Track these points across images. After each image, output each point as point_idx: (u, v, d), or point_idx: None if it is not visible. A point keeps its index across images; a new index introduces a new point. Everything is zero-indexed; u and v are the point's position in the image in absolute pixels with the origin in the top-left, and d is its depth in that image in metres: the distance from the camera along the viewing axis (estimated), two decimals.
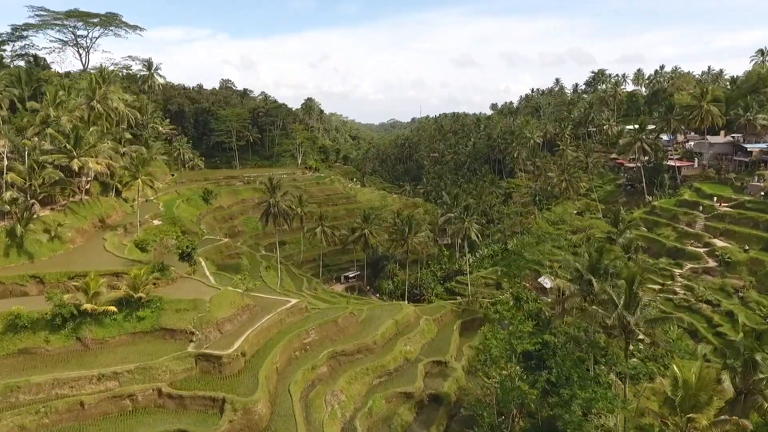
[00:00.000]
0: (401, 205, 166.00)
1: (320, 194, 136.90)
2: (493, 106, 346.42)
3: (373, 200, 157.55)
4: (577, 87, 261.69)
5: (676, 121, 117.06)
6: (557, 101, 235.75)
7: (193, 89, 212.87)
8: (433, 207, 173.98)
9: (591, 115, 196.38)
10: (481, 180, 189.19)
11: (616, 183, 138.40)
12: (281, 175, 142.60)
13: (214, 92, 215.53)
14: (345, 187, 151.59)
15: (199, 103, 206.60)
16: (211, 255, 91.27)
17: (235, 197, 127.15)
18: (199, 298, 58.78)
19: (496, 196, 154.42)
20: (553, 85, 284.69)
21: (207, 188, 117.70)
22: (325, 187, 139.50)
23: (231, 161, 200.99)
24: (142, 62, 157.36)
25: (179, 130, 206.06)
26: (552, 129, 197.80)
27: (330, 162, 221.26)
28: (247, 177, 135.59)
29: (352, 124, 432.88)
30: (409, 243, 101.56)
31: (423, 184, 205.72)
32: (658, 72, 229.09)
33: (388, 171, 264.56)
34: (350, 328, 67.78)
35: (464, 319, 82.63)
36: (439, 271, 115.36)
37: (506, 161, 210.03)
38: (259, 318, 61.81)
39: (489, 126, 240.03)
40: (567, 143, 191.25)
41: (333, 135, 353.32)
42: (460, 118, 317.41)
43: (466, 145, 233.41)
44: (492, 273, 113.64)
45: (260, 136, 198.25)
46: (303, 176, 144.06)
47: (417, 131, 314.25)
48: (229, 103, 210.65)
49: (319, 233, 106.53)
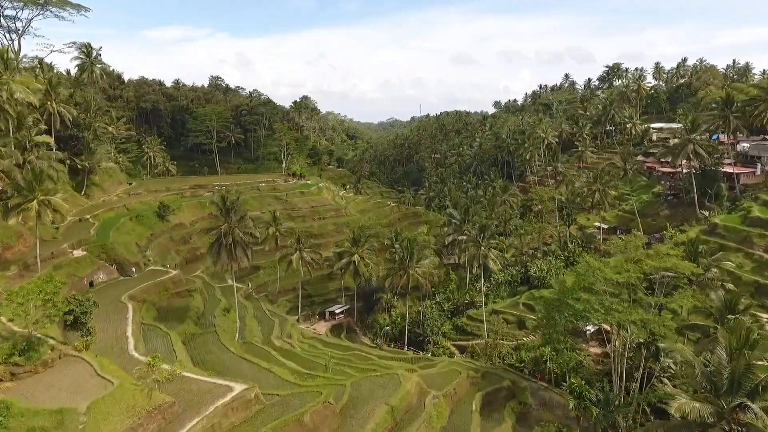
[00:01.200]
0: (400, 215, 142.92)
1: (304, 206, 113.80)
2: (497, 104, 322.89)
3: (369, 210, 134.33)
4: (590, 83, 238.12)
5: (736, 118, 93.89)
6: (569, 98, 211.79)
7: (171, 85, 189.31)
8: (436, 217, 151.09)
9: (611, 112, 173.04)
10: (490, 185, 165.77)
11: (653, 192, 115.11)
12: (260, 183, 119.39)
13: (194, 89, 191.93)
14: (335, 195, 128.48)
15: (177, 101, 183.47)
16: (151, 295, 68.12)
17: (201, 211, 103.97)
18: (70, 407, 35.56)
19: (511, 207, 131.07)
20: (562, 80, 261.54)
21: (163, 202, 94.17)
22: (310, 198, 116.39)
23: (211, 165, 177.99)
24: (79, 48, 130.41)
25: (154, 130, 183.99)
26: (567, 128, 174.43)
27: (322, 165, 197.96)
28: (218, 186, 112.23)
29: (350, 123, 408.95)
30: (410, 274, 78.40)
31: (425, 189, 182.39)
32: (680, 65, 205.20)
33: (386, 174, 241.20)
34: (324, 427, 44.60)
35: (485, 389, 59.35)
36: (447, 302, 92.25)
37: (516, 163, 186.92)
38: (180, 427, 38.67)
39: (496, 125, 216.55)
40: (586, 144, 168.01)
41: (329, 134, 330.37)
42: (462, 116, 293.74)
43: (471, 145, 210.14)
44: (512, 306, 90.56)
45: (243, 137, 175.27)
46: (285, 184, 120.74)
47: (417, 130, 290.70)
48: (211, 100, 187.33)
49: (295, 261, 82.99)
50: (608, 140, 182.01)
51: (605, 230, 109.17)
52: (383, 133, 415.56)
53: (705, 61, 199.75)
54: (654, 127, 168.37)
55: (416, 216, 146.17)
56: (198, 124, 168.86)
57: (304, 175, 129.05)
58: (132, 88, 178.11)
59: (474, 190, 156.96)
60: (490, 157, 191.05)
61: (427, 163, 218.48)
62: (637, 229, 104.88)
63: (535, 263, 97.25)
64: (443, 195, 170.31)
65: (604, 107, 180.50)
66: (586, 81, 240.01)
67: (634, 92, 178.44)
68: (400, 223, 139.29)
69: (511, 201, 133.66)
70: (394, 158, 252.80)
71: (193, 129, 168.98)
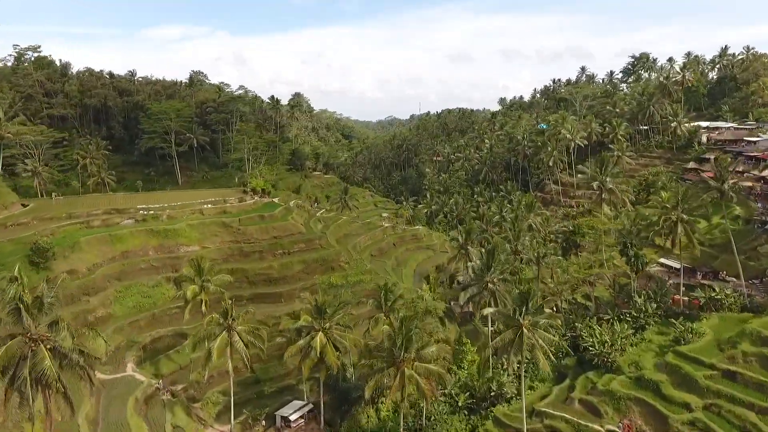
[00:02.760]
0: (395, 238, 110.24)
1: (263, 237, 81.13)
2: (502, 101, 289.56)
3: (354, 235, 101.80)
4: (612, 76, 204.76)
5: None
6: (596, 92, 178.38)
7: (124, 78, 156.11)
8: (440, 239, 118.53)
9: (650, 109, 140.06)
10: (506, 198, 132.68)
11: (737, 216, 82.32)
12: (205, 205, 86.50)
13: (152, 81, 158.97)
14: (310, 218, 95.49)
15: (132, 96, 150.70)
16: None
17: (111, 249, 71.61)
18: None
19: (537, 230, 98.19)
20: (578, 74, 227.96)
21: (39, 243, 61.08)
22: (273, 225, 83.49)
23: (170, 173, 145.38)
24: None
25: (103, 131, 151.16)
26: (598, 127, 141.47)
27: (306, 171, 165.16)
28: (144, 210, 79.14)
29: (346, 122, 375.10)
30: (407, 375, 45.78)
31: (425, 201, 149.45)
32: (722, 55, 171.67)
33: (381, 179, 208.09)
34: None
35: None
36: (462, 393, 59.79)
37: (533, 169, 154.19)
38: None
39: (507, 124, 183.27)
40: (623, 147, 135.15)
41: (323, 134, 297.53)
42: (467, 114, 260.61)
43: (479, 148, 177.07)
44: (561, 401, 58.07)
45: (208, 139, 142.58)
46: (241, 206, 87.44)
47: (417, 130, 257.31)
48: (174, 95, 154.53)
49: (218, 348, 49.16)
50: (644, 142, 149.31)
51: (676, 271, 76.50)
52: (382, 133, 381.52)
53: (753, 50, 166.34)
54: (704, 127, 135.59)
55: (416, 239, 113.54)
56: (152, 123, 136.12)
57: (269, 191, 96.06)
58: (76, 81, 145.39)
59: (487, 205, 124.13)
60: (502, 161, 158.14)
61: (428, 168, 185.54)
62: (730, 272, 72.39)
63: (589, 327, 64.61)
64: (449, 210, 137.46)
65: (640, 103, 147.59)
66: (608, 74, 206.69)
67: (677, 85, 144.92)
68: (395, 249, 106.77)
69: (538, 224, 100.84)
70: (391, 161, 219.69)
71: (147, 129, 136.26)
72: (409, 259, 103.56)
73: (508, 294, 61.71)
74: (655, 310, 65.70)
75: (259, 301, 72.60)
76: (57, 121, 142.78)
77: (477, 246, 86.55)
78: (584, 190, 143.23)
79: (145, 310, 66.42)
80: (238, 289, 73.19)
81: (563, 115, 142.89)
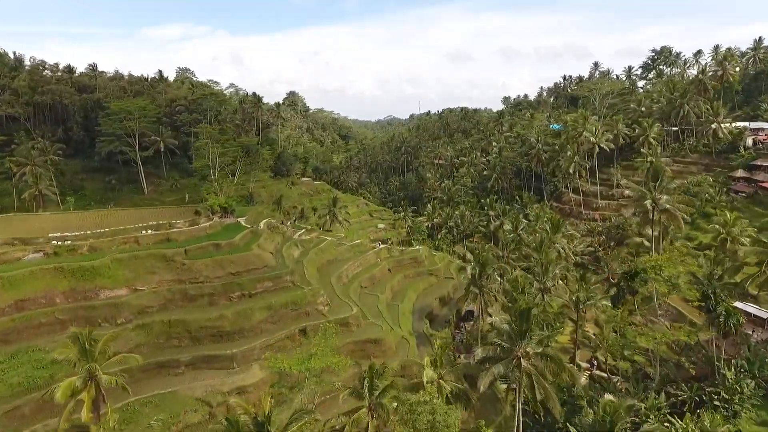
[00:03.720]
0: (392, 263, 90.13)
1: (217, 274, 60.87)
2: (506, 100, 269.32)
3: (340, 261, 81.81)
4: (630, 72, 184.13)
5: None
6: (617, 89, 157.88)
7: (85, 73, 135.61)
8: (444, 261, 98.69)
9: (684, 107, 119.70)
10: (521, 212, 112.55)
11: None
12: (144, 231, 66.23)
13: (116, 77, 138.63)
14: (286, 239, 75.18)
15: (92, 93, 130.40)
16: None
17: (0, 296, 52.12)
18: None
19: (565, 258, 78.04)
20: (591, 70, 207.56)
21: None
22: (231, 257, 63.21)
23: (135, 181, 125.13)
24: None
25: (59, 133, 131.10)
26: (625, 129, 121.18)
27: (293, 177, 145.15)
28: (58, 240, 58.91)
29: (344, 122, 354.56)
30: None
31: (427, 213, 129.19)
32: (757, 48, 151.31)
33: (378, 184, 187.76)
34: None
35: None
36: None
37: (548, 176, 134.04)
38: None
39: (517, 125, 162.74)
40: (657, 152, 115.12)
41: (318, 134, 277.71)
42: (470, 114, 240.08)
43: (487, 151, 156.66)
44: None
45: (177, 142, 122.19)
46: (191, 230, 66.61)
47: (416, 130, 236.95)
48: (141, 92, 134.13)
49: None
50: (675, 145, 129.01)
51: (762, 322, 56.41)
52: (381, 133, 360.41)
53: None
54: (751, 128, 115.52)
55: (415, 263, 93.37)
56: (112, 124, 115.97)
57: (232, 209, 75.31)
58: (27, 76, 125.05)
59: (499, 220, 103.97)
60: (513, 168, 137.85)
61: (429, 173, 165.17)
62: None
63: (666, 419, 44.47)
64: (453, 224, 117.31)
65: (670, 101, 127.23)
66: (625, 69, 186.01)
67: (716, 79, 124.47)
68: (391, 277, 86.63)
69: (565, 247, 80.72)
70: (389, 165, 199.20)
71: (105, 131, 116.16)
72: (407, 290, 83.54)
73: (549, 376, 41.72)
74: (754, 390, 45.70)
75: (203, 367, 52.71)
76: (6, 121, 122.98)
77: (493, 279, 66.59)
78: (608, 201, 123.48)
79: (36, 390, 46.35)
80: (173, 351, 53.24)
81: (584, 114, 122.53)
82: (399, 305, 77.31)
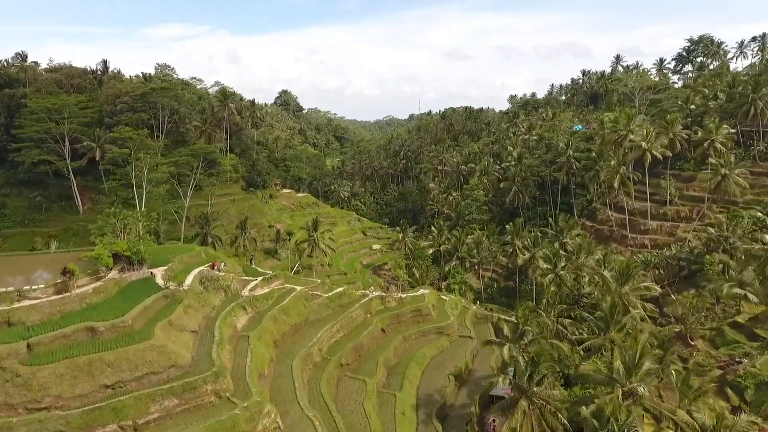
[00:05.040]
0: (388, 318, 63.74)
1: (77, 391, 34.67)
2: (511, 98, 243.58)
3: (311, 326, 55.50)
4: (662, 64, 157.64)
5: None
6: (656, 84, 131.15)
7: (13, 65, 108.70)
8: (457, 307, 72.61)
9: (756, 105, 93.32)
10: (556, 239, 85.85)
11: None
12: None
13: (53, 68, 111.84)
14: (229, 298, 49.14)
15: (18, 88, 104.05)
16: None
17: None
18: None
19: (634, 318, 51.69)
20: (612, 64, 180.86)
21: None
22: (111, 355, 36.23)
23: (68, 197, 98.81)
24: None
25: None
26: (683, 132, 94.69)
27: (272, 189, 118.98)
28: None
29: (340, 122, 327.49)
30: None
31: (432, 236, 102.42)
32: None
33: (374, 194, 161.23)
34: None
35: None
36: None
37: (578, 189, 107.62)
38: None
39: (536, 126, 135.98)
40: (729, 163, 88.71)
41: (311, 136, 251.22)
42: (474, 114, 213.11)
43: (500, 156, 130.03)
44: None
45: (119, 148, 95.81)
46: (61, 300, 40.21)
47: (417, 132, 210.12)
48: (83, 88, 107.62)
49: None
50: (738, 151, 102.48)
51: None
52: (379, 134, 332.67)
53: None
54: None
55: (419, 316, 67.10)
56: (33, 125, 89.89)
57: (141, 258, 47.79)
58: None
59: (528, 253, 77.36)
60: (537, 178, 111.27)
61: (432, 182, 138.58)
62: None
63: None
64: (465, 252, 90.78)
65: (730, 96, 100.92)
66: (656, 62, 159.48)
67: None
68: (386, 343, 60.23)
69: (637, 314, 54.20)
70: (386, 171, 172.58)
71: (22, 136, 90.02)
72: (408, 365, 57.17)
73: None
74: None
75: None
76: None
77: (551, 383, 40.25)
78: (659, 221, 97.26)
79: None
80: None
81: (629, 113, 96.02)
82: (396, 396, 51.04)
